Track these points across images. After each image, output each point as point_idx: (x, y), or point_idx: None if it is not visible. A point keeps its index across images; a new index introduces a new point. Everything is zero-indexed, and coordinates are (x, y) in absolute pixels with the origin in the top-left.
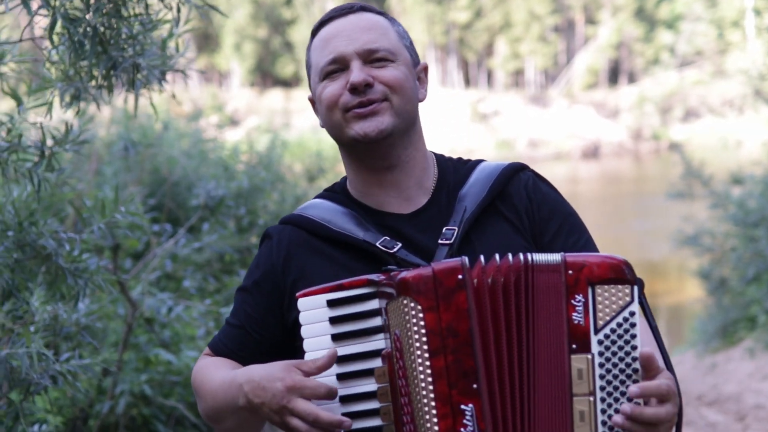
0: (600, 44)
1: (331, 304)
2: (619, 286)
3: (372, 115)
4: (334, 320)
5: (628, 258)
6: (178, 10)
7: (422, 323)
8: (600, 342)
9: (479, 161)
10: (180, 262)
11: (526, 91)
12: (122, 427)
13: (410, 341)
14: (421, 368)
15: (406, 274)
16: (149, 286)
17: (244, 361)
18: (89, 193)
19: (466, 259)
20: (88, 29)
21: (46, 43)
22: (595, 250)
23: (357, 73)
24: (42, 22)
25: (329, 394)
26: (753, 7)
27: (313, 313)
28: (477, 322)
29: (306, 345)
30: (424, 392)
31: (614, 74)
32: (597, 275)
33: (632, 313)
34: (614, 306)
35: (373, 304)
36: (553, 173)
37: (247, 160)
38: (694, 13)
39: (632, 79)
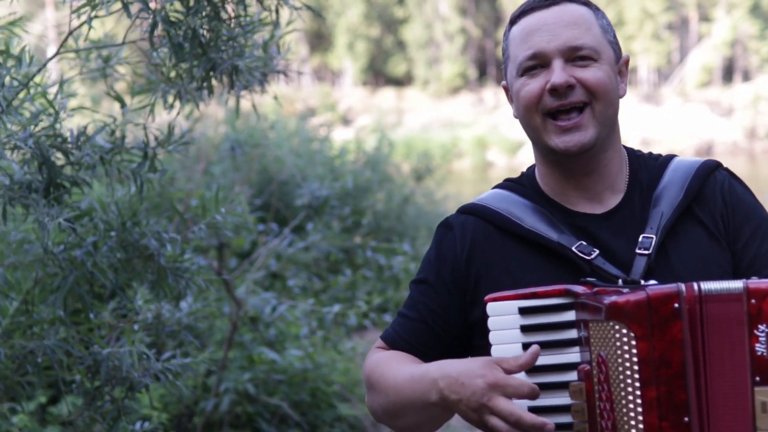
0: (714, 42)
1: (524, 311)
2: None
3: (575, 128)
4: (525, 329)
5: None
6: (277, 12)
7: (634, 351)
8: None
9: (671, 157)
10: (285, 261)
11: (639, 90)
12: (226, 424)
13: (620, 368)
14: (630, 397)
15: (617, 298)
16: (254, 285)
17: (425, 357)
18: (197, 193)
19: (682, 285)
20: (188, 31)
21: (147, 46)
22: None
23: (559, 73)
24: (143, 24)
25: (532, 394)
26: None
27: (503, 319)
28: (691, 353)
29: (494, 351)
30: (633, 422)
31: (729, 72)
32: None
33: None
34: None
35: (569, 315)
36: None
37: (354, 160)
38: None
39: (747, 77)
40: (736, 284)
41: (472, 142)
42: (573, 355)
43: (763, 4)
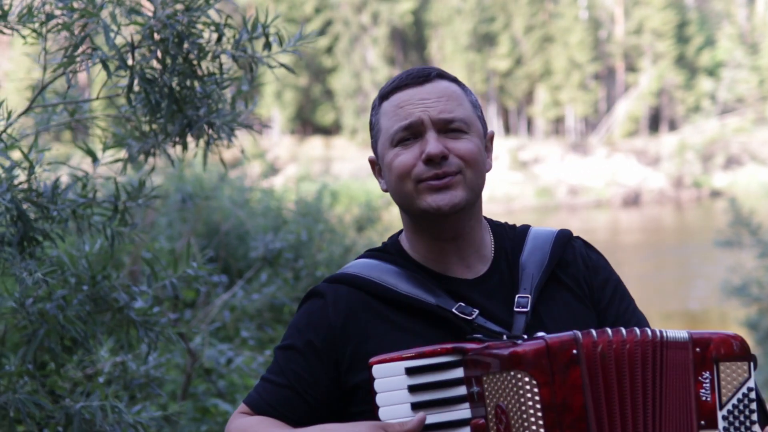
0: (641, 92)
1: (411, 371)
2: (739, 363)
3: (446, 188)
4: (413, 388)
5: (669, 307)
6: (251, 69)
7: (537, 398)
8: (725, 417)
9: (527, 226)
10: (239, 312)
11: (567, 139)
12: None
13: (523, 416)
14: None
15: (516, 348)
16: (210, 336)
17: (294, 424)
18: (147, 245)
19: (578, 333)
20: (165, 89)
21: (121, 101)
22: (642, 315)
23: (434, 144)
24: (119, 81)
25: None
26: None
27: (390, 380)
28: (591, 396)
29: (382, 413)
30: None
31: (655, 122)
32: (722, 352)
33: (750, 389)
34: (735, 382)
35: (458, 372)
36: (594, 221)
37: (295, 210)
38: (735, 60)
39: (673, 126)
40: (682, 334)
41: None
42: (463, 412)
43: (689, 55)
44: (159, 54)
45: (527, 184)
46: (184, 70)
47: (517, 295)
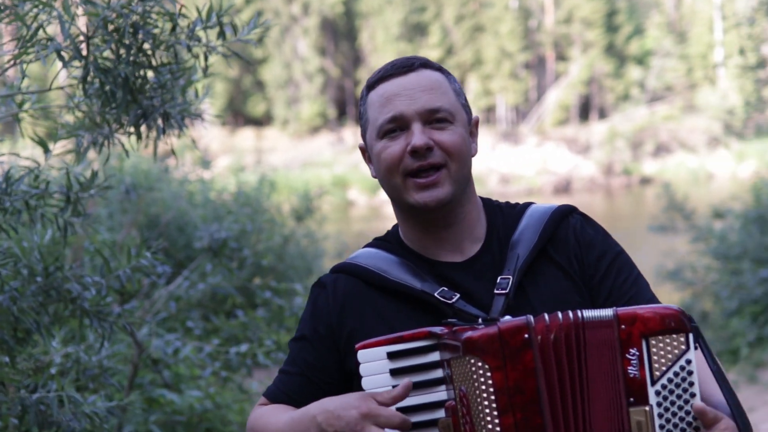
0: (571, 80)
1: (392, 356)
2: (674, 335)
3: (432, 185)
4: (394, 372)
5: None
6: (206, 59)
7: (490, 382)
8: (657, 393)
9: (528, 204)
10: (184, 302)
11: (498, 128)
12: None
13: (479, 399)
14: (490, 426)
15: (471, 333)
16: (157, 326)
17: None
18: (91, 237)
19: (531, 317)
20: (119, 79)
21: (75, 92)
22: (645, 285)
23: (419, 135)
24: (71, 71)
25: (403, 424)
26: (739, 48)
27: (374, 365)
28: (544, 379)
29: None
30: None
31: (585, 110)
32: (650, 328)
33: (689, 361)
34: (670, 356)
35: (434, 356)
36: None
37: (236, 200)
38: (664, 49)
39: (603, 114)
40: (607, 312)
41: (333, 181)
42: (440, 394)
43: (618, 44)
44: (113, 44)
45: None
46: (138, 60)
47: (499, 276)
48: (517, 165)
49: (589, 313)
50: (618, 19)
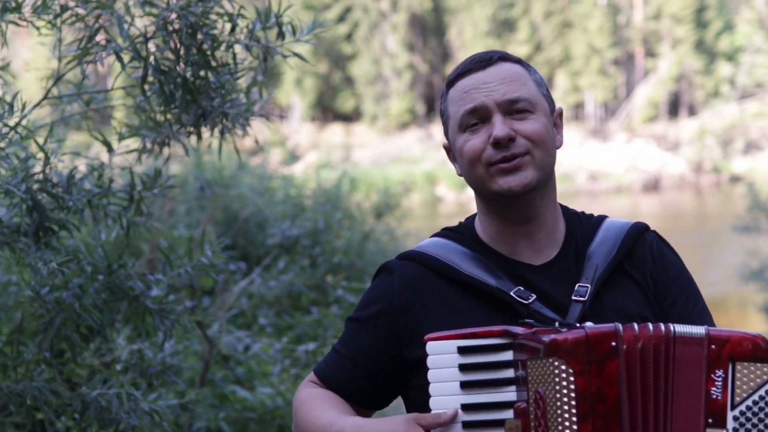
0: (660, 77)
1: (463, 351)
2: (759, 364)
3: (516, 169)
4: (464, 367)
5: None
6: (264, 59)
7: (572, 386)
8: (736, 418)
9: (603, 217)
10: (256, 299)
11: (586, 125)
12: None
13: (558, 403)
14: (568, 431)
15: (556, 336)
16: (227, 323)
17: (353, 395)
18: (165, 233)
19: (620, 325)
20: (179, 79)
21: (137, 91)
22: (709, 316)
23: (500, 126)
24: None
25: None
26: None
27: (442, 357)
28: (626, 389)
29: (432, 389)
30: None
31: (674, 107)
32: (739, 352)
33: None
34: (752, 383)
35: (507, 355)
36: (614, 207)
37: (313, 197)
38: (754, 45)
39: (692, 111)
40: (699, 329)
41: (422, 177)
42: (509, 394)
43: (708, 40)
44: (173, 45)
45: None
46: (197, 60)
47: (578, 284)
48: (606, 162)
49: (681, 329)
50: (708, 15)
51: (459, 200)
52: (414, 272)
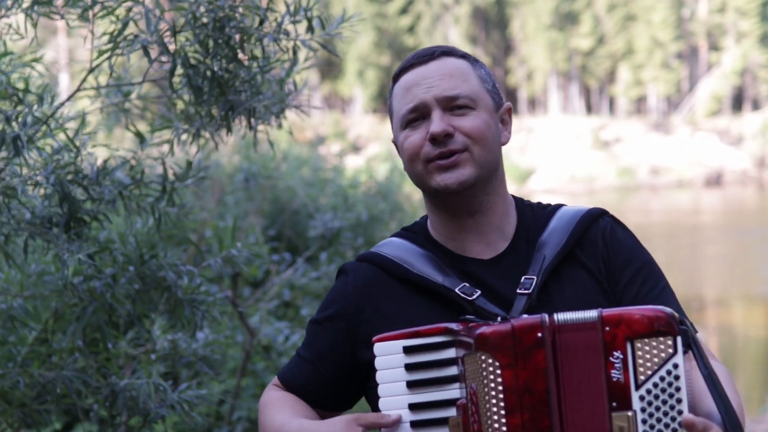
0: (724, 71)
1: (408, 350)
2: (660, 339)
3: (453, 167)
4: (409, 367)
5: (753, 291)
6: (294, 53)
7: (500, 380)
8: (642, 398)
9: (559, 206)
10: (298, 291)
11: (648, 118)
12: None
13: (487, 397)
14: (497, 425)
15: (484, 329)
16: (268, 314)
17: (315, 399)
18: (211, 224)
19: (546, 316)
20: (207, 73)
21: (166, 83)
22: (673, 298)
23: (437, 122)
24: (163, 64)
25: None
26: None
27: (389, 358)
28: (553, 380)
29: (381, 390)
30: None
31: (738, 101)
32: (635, 330)
33: (675, 366)
34: (656, 360)
35: (450, 352)
36: (676, 201)
37: (365, 190)
38: None
39: (756, 105)
40: (591, 313)
41: None
42: (454, 391)
43: None
44: (201, 38)
45: (609, 164)
46: (226, 54)
47: (523, 276)
48: (668, 156)
49: (565, 316)
50: None
51: (520, 192)
52: (368, 274)
